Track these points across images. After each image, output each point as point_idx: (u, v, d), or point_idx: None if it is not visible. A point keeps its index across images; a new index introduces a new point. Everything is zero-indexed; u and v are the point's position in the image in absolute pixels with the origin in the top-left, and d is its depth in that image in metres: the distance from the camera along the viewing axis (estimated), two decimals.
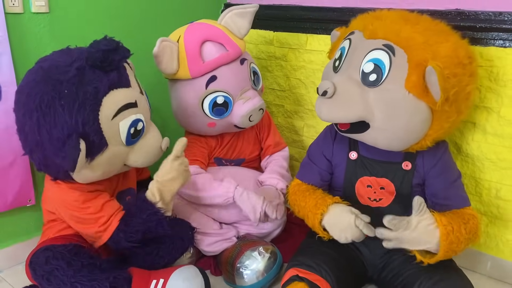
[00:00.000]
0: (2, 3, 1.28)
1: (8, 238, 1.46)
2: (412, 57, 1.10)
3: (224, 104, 1.42)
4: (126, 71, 1.19)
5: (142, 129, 1.20)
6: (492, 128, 1.40)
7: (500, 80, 1.36)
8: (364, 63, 1.15)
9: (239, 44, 1.44)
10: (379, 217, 1.29)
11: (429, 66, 1.06)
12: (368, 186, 1.29)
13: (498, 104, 1.38)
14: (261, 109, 1.46)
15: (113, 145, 1.14)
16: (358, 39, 1.21)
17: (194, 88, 1.42)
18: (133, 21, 1.64)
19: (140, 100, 1.19)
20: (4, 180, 1.37)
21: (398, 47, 1.11)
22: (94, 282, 1.11)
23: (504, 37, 1.32)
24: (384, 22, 1.18)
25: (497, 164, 1.42)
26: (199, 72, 1.39)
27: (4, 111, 1.33)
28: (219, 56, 1.40)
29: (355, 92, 1.15)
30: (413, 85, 1.09)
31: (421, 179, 1.27)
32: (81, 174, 1.14)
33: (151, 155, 1.25)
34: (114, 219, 1.21)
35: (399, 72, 1.11)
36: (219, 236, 1.44)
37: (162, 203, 1.22)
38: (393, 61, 1.11)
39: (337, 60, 1.26)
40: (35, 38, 1.39)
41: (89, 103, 1.07)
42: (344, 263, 1.24)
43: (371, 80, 1.14)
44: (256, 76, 1.51)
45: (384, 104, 1.14)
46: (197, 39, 1.39)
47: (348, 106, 1.16)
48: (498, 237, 1.46)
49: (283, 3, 1.80)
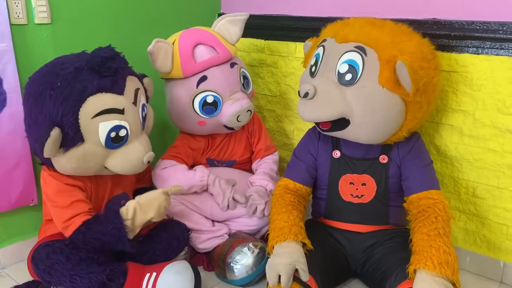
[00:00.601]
0: (7, 15, 1.38)
1: (12, 236, 1.55)
2: (382, 55, 1.21)
3: (213, 103, 1.51)
4: (125, 81, 1.26)
5: (126, 137, 1.25)
6: (468, 130, 1.49)
7: (474, 85, 1.45)
8: (339, 65, 1.26)
9: (229, 49, 1.55)
10: (361, 213, 1.38)
11: (398, 61, 1.17)
12: (351, 183, 1.37)
13: (473, 107, 1.46)
14: (249, 111, 1.54)
15: (90, 143, 1.20)
16: (331, 44, 1.32)
17: (186, 87, 1.51)
18: (132, 30, 1.74)
19: (129, 109, 1.24)
20: (8, 181, 1.46)
21: (368, 48, 1.23)
22: (92, 275, 1.20)
23: (477, 44, 1.41)
24: (353, 27, 1.30)
25: (474, 164, 1.50)
26: (191, 72, 1.49)
27: (9, 116, 1.42)
28: (210, 58, 1.50)
29: (334, 91, 1.26)
30: (386, 80, 1.21)
31: (397, 168, 1.36)
32: (57, 162, 1.22)
33: (130, 164, 1.28)
34: (78, 219, 1.24)
35: (372, 70, 1.22)
36: (211, 233, 1.52)
37: (130, 223, 1.24)
38: (366, 61, 1.23)
39: (313, 66, 1.36)
40: (38, 48, 1.48)
41: (73, 98, 1.16)
42: (327, 257, 1.32)
43: (347, 79, 1.25)
44: (246, 80, 1.60)
45: (362, 100, 1.24)
46: (190, 41, 1.50)
47: (329, 104, 1.26)
48: (475, 233, 1.54)
49: (273, 13, 1.89)
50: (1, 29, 1.37)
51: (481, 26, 1.39)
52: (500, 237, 1.49)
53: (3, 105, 1.41)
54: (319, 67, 1.34)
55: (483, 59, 1.41)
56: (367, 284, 1.41)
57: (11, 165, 1.46)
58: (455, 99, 1.49)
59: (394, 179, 1.36)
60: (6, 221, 1.52)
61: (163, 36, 1.61)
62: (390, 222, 1.38)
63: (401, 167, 1.36)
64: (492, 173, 1.46)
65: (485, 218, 1.51)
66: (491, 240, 1.51)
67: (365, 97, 1.24)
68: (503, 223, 1.48)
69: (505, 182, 1.44)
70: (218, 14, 2.06)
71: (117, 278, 1.23)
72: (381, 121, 1.26)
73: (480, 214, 1.52)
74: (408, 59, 1.17)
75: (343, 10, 1.67)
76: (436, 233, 1.18)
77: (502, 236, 1.49)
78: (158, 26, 1.82)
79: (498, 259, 1.50)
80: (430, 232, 1.19)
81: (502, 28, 1.35)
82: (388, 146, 1.37)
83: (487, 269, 1.53)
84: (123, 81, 1.25)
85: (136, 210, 1.26)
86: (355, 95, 1.24)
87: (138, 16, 1.76)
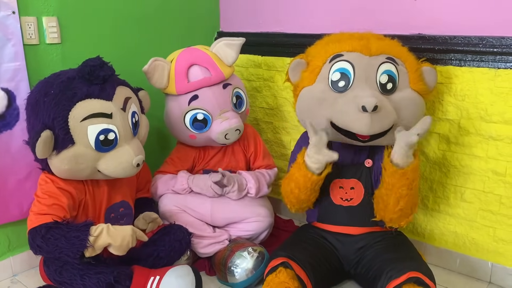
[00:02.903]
0: (21, 36, 1.48)
1: (23, 244, 1.61)
2: (408, 64, 1.41)
3: (203, 121, 1.61)
4: (115, 90, 1.35)
5: (115, 140, 1.33)
6: (454, 138, 1.57)
7: (458, 95, 1.54)
8: (379, 76, 1.37)
9: (223, 71, 1.63)
10: (351, 216, 1.46)
11: (427, 67, 1.41)
12: (340, 187, 1.45)
13: (458, 116, 1.55)
14: (237, 130, 1.61)
15: (80, 145, 1.29)
16: (358, 58, 1.38)
17: (179, 103, 1.62)
18: (135, 48, 1.85)
19: (117, 114, 1.33)
20: (20, 191, 1.55)
21: (396, 58, 1.39)
22: (100, 275, 1.28)
23: (459, 57, 1.50)
24: (373, 40, 1.43)
25: (460, 170, 1.58)
26: (183, 90, 1.60)
27: (22, 129, 1.51)
28: (202, 79, 1.60)
29: (387, 102, 1.35)
30: (416, 84, 1.40)
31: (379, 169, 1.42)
32: (52, 164, 1.31)
33: (121, 167, 1.35)
34: (44, 219, 1.28)
35: (403, 77, 1.39)
36: (212, 239, 1.59)
37: (93, 240, 1.26)
38: (399, 70, 1.38)
39: (340, 81, 1.39)
40: (49, 66, 1.58)
41: (63, 103, 1.27)
42: (321, 258, 1.40)
43: (389, 88, 1.38)
44: (240, 100, 1.68)
45: (406, 104, 1.38)
46: (186, 61, 1.61)
47: (389, 115, 1.34)
48: (465, 236, 1.61)
49: (270, 31, 2.00)
50: (15, 49, 1.48)
51: (463, 40, 1.49)
52: (487, 239, 1.57)
53: (16, 119, 1.51)
54: (353, 81, 1.37)
55: (466, 71, 1.51)
56: (360, 284, 1.48)
57: (23, 175, 1.55)
58: (441, 109, 1.58)
59: (376, 181, 1.44)
60: (18, 230, 1.60)
61: (165, 52, 1.72)
62: (379, 224, 1.45)
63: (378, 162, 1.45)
64: (478, 178, 1.55)
65: (473, 221, 1.58)
66: (479, 242, 1.58)
67: (408, 102, 1.38)
68: (489, 226, 1.56)
69: (490, 186, 1.52)
70: (217, 32, 2.17)
71: (123, 280, 1.31)
72: (418, 118, 1.36)
73: (468, 217, 1.59)
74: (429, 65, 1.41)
75: (333, 27, 1.77)
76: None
77: (489, 238, 1.56)
78: (160, 43, 1.92)
79: (486, 260, 1.57)
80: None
81: (482, 42, 1.45)
82: (375, 150, 1.45)
83: (476, 270, 1.60)
84: (113, 89, 1.35)
85: (103, 231, 1.28)
86: (399, 101, 1.37)
87: (141, 35, 1.87)
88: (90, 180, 1.42)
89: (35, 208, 1.34)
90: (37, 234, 1.28)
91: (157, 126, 1.93)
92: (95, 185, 1.43)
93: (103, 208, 1.46)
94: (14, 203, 1.55)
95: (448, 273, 1.63)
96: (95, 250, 1.28)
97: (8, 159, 1.52)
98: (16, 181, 1.54)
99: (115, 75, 1.37)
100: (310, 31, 1.86)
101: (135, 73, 1.56)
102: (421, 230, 1.71)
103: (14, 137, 1.51)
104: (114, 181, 1.46)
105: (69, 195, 1.36)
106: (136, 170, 1.39)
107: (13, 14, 1.45)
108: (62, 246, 1.26)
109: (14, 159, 1.52)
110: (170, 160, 1.75)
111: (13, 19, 1.45)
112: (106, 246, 1.29)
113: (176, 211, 1.61)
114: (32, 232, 1.30)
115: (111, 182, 1.46)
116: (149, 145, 1.60)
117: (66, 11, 1.60)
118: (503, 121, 1.46)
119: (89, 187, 1.42)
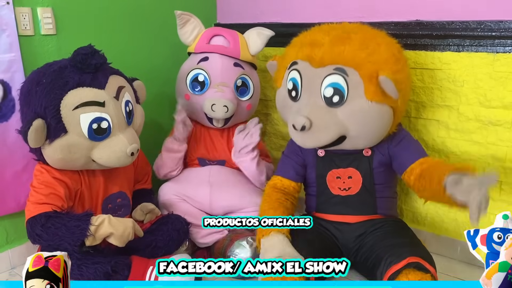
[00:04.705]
0: (16, 27, 1.47)
1: (21, 237, 1.61)
2: (363, 72, 1.27)
3: (201, 83, 1.66)
4: (108, 78, 1.33)
5: (108, 129, 1.32)
6: (453, 124, 1.56)
7: (457, 81, 1.53)
8: (324, 89, 1.31)
9: (242, 50, 1.68)
10: (349, 205, 1.45)
11: (382, 76, 1.24)
12: (337, 178, 1.44)
13: (457, 102, 1.54)
14: (225, 106, 1.61)
15: (73, 134, 1.28)
16: (306, 69, 1.34)
17: (191, 60, 1.71)
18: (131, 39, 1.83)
19: (110, 102, 1.32)
20: (17, 183, 1.54)
21: (347, 67, 1.28)
22: (97, 265, 1.27)
23: (457, 42, 1.49)
24: (325, 48, 1.31)
25: (460, 157, 1.57)
26: (200, 49, 1.69)
27: (18, 121, 1.49)
28: (220, 45, 1.68)
29: (327, 117, 1.31)
30: (373, 95, 1.27)
31: (381, 158, 1.42)
32: (46, 154, 1.31)
33: (115, 156, 1.34)
34: (43, 208, 1.29)
35: (357, 87, 1.28)
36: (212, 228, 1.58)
37: (94, 229, 1.27)
38: (348, 80, 1.28)
39: (292, 91, 1.39)
40: (44, 57, 1.57)
41: (55, 91, 1.26)
42: (321, 247, 1.38)
43: (335, 101, 1.30)
44: (244, 88, 1.69)
45: (355, 117, 1.31)
46: (215, 30, 1.73)
47: (326, 130, 1.32)
48: (465, 223, 1.60)
49: (267, 21, 1.99)
50: (10, 40, 1.47)
51: (461, 25, 1.48)
52: (487, 226, 1.55)
53: (12, 111, 1.50)
54: (300, 92, 1.36)
55: (464, 56, 1.49)
56: (361, 273, 1.47)
57: (20, 168, 1.54)
58: (440, 95, 1.57)
59: (379, 169, 1.43)
60: (15, 222, 1.59)
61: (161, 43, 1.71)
62: (378, 212, 1.45)
63: (389, 154, 1.42)
64: (477, 165, 1.53)
65: None
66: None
67: (357, 114, 1.30)
68: (490, 212, 1.52)
69: None
70: (214, 24, 2.16)
71: (121, 270, 1.30)
72: (376, 130, 1.34)
73: None
74: (389, 71, 1.24)
75: (331, 16, 1.75)
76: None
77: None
78: (156, 34, 1.91)
79: None
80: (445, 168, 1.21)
81: (480, 27, 1.44)
82: None
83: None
84: (105, 78, 1.34)
85: (104, 221, 1.28)
86: (347, 114, 1.30)
87: (137, 26, 1.85)
88: (85, 171, 1.41)
89: (32, 198, 1.33)
90: (37, 223, 1.28)
91: (154, 118, 1.92)
92: (91, 175, 1.42)
93: (100, 198, 1.45)
94: (11, 196, 1.54)
95: (449, 261, 1.62)
96: (96, 240, 1.28)
97: (5, 151, 1.51)
98: (13, 173, 1.53)
99: (107, 64, 1.35)
100: (306, 20, 1.84)
101: (131, 64, 1.55)
102: (421, 218, 1.70)
103: (10, 128, 1.49)
104: (110, 171, 1.45)
105: (65, 185, 1.35)
106: (130, 159, 1.38)
107: (7, 5, 1.44)
108: (62, 235, 1.26)
109: (10, 151, 1.51)
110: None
111: (7, 9, 1.44)
112: (107, 237, 1.29)
113: (176, 200, 1.60)
114: (31, 221, 1.29)
115: (107, 173, 1.45)
116: (146, 137, 1.60)
117: (60, 1, 1.58)
118: (502, 106, 1.45)
119: (85, 177, 1.41)
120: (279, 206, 1.42)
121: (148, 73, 1.57)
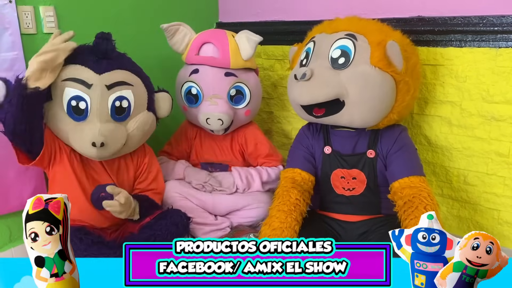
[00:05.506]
0: (18, 26, 1.47)
1: None
2: (372, 39, 1.33)
3: (195, 96, 1.64)
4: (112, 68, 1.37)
5: (85, 111, 1.34)
6: (456, 120, 1.56)
7: (459, 77, 1.52)
8: (332, 51, 1.36)
9: (232, 59, 1.60)
10: (353, 205, 1.45)
11: (390, 41, 1.29)
12: (342, 177, 1.44)
13: (460, 98, 1.53)
14: (219, 120, 1.59)
15: (56, 104, 1.34)
16: (321, 37, 1.41)
17: (184, 71, 1.69)
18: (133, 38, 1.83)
19: (97, 88, 1.33)
20: (21, 181, 1.54)
21: (358, 34, 1.34)
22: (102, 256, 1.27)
23: (459, 38, 1.49)
24: (342, 20, 1.41)
25: (463, 153, 1.56)
26: (190, 60, 1.66)
27: None
28: (209, 57, 1.62)
29: (329, 73, 1.34)
30: (378, 60, 1.31)
31: (383, 162, 1.42)
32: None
33: (79, 143, 1.34)
34: None
35: (363, 52, 1.32)
36: (214, 226, 1.59)
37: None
38: (357, 45, 1.33)
39: (304, 59, 1.43)
40: None
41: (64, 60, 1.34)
42: None
43: (340, 63, 1.34)
44: (240, 96, 1.64)
45: (356, 80, 1.32)
46: (205, 37, 1.66)
47: (326, 85, 1.33)
48: (469, 220, 1.60)
49: (268, 19, 1.99)
50: (12, 39, 1.47)
51: (463, 20, 1.47)
52: (492, 222, 1.55)
53: None
54: (310, 57, 1.41)
55: (467, 52, 1.49)
56: None
57: (23, 167, 1.53)
58: (443, 91, 1.56)
59: (381, 172, 1.42)
60: (19, 220, 1.56)
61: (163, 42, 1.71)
62: (382, 212, 1.44)
63: (386, 159, 1.41)
64: (481, 160, 1.53)
65: (477, 204, 1.57)
66: (484, 225, 1.56)
67: (359, 77, 1.32)
68: (494, 208, 1.54)
69: (493, 168, 1.51)
70: (216, 23, 2.16)
71: None
72: (376, 98, 1.33)
73: (472, 200, 1.57)
74: (398, 41, 1.30)
75: (332, 13, 1.74)
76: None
77: (493, 221, 1.54)
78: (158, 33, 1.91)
79: None
80: None
81: (482, 22, 1.43)
82: (374, 139, 1.43)
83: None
84: (109, 66, 1.37)
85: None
86: (349, 76, 1.32)
87: (139, 25, 1.86)
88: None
89: None
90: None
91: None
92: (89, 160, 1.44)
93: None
94: (15, 194, 1.54)
95: None
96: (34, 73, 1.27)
97: (8, 150, 1.50)
98: (16, 172, 1.53)
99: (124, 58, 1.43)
100: (307, 17, 1.84)
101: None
102: None
103: None
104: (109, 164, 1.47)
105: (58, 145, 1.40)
106: (92, 151, 1.33)
107: (9, 3, 1.44)
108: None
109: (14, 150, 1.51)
110: (170, 141, 1.81)
111: (10, 8, 1.44)
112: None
113: (179, 198, 1.60)
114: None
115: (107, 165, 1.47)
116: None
117: (63, 0, 1.58)
118: (505, 101, 1.44)
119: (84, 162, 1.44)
120: (294, 210, 1.36)
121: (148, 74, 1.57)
